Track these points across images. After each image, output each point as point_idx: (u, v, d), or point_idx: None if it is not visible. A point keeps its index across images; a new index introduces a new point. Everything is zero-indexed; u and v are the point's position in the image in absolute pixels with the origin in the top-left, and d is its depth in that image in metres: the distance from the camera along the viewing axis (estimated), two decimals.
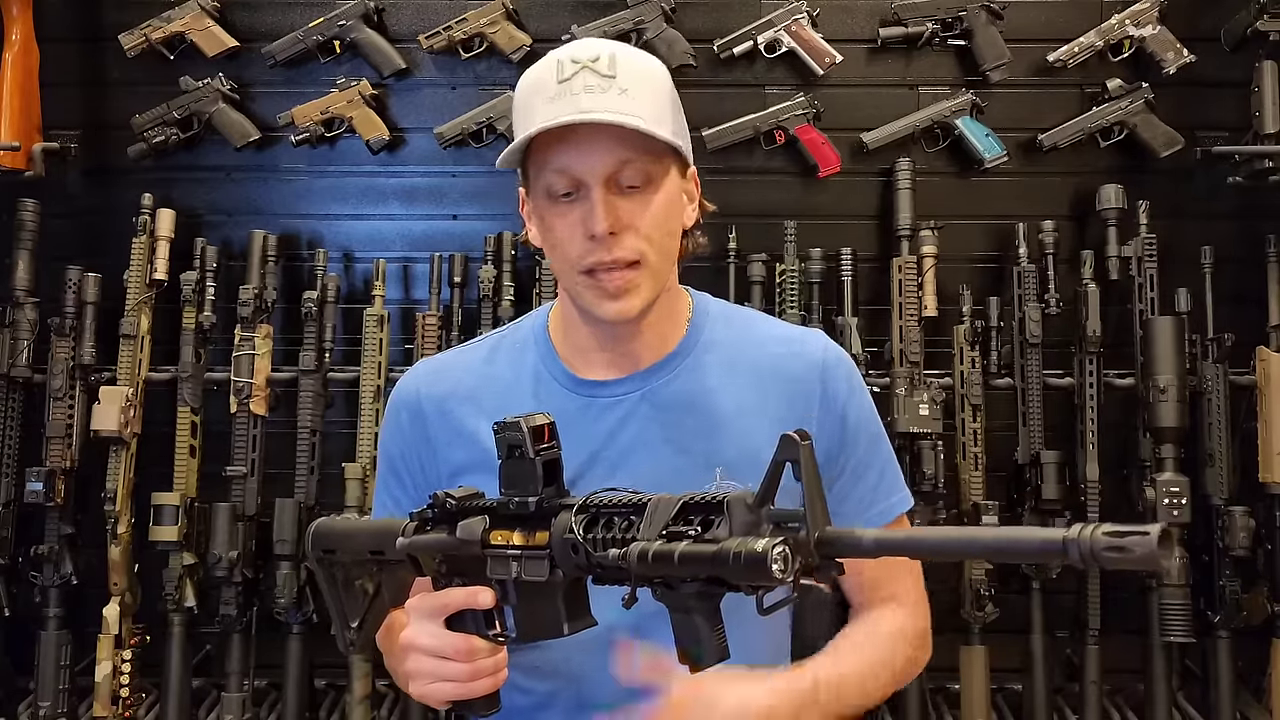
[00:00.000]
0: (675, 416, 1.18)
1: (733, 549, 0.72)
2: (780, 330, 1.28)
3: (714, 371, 1.21)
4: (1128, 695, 2.33)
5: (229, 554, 2.23)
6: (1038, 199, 2.44)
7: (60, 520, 2.29)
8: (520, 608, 0.97)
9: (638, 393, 1.19)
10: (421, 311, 2.37)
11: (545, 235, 1.14)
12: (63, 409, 2.28)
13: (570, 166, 1.08)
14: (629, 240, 1.09)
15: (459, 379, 1.25)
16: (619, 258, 1.09)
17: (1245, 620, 2.21)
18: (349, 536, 1.08)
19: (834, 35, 2.43)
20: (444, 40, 2.42)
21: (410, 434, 1.25)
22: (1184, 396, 2.21)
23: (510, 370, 1.24)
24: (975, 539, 0.73)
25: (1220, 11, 2.40)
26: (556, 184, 1.10)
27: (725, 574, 0.73)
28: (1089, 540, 0.60)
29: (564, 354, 1.22)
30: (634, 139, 1.08)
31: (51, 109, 2.44)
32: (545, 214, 1.13)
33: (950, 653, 2.28)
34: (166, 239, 2.34)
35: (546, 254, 1.18)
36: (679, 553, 0.75)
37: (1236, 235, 2.39)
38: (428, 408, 1.24)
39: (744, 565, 0.71)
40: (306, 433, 2.31)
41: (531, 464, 0.93)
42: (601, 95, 1.07)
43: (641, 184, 1.10)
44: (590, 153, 1.07)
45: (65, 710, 2.27)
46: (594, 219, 1.07)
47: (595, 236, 1.08)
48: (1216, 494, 2.23)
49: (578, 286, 1.13)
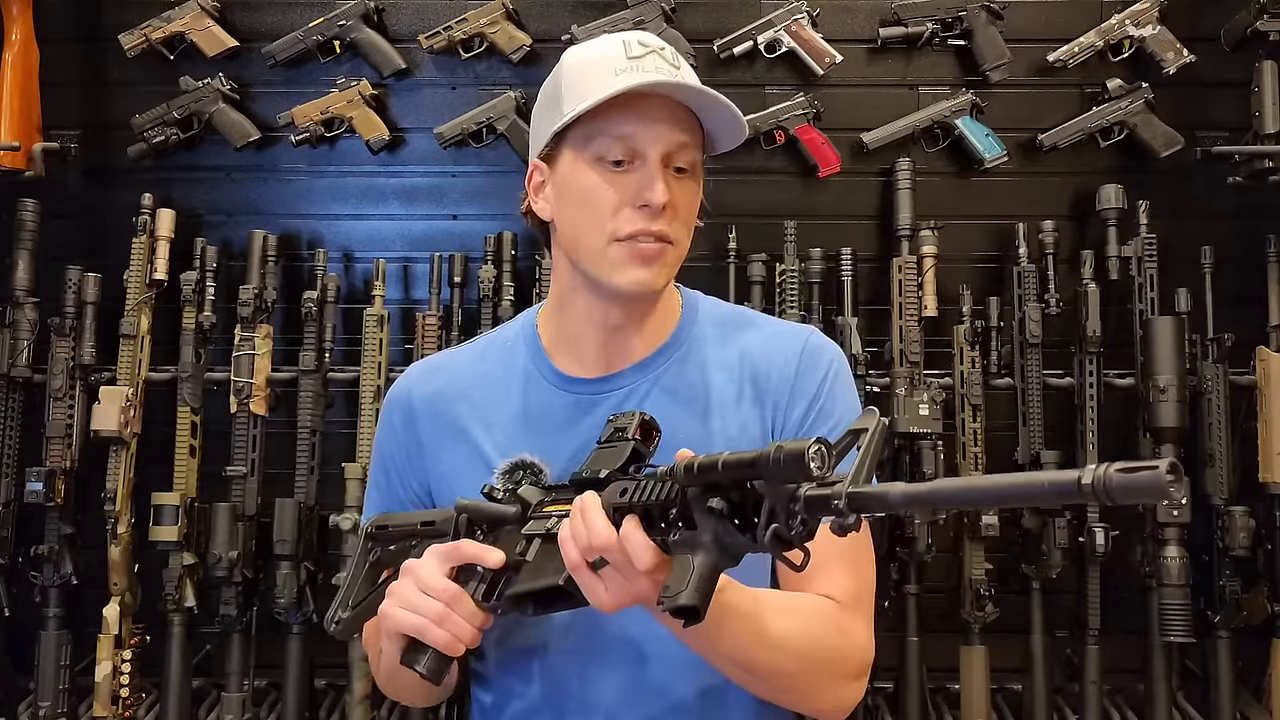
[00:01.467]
0: (663, 410, 1.14)
1: (772, 452, 0.76)
2: (769, 326, 1.27)
3: (701, 366, 1.21)
4: (1128, 695, 2.32)
5: (229, 554, 2.22)
6: (1038, 199, 2.44)
7: (60, 520, 2.28)
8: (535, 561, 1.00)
9: (625, 388, 1.19)
10: (421, 311, 2.37)
11: (581, 203, 1.14)
12: (63, 409, 2.28)
13: (634, 136, 1.10)
14: (673, 221, 1.13)
15: (450, 379, 1.25)
16: (662, 231, 1.11)
17: (1245, 620, 2.21)
18: (405, 519, 1.15)
19: (834, 35, 2.43)
20: (444, 40, 2.42)
21: (403, 434, 1.24)
22: (1184, 396, 2.21)
23: (500, 369, 1.24)
24: (995, 486, 0.73)
25: (1220, 12, 2.40)
26: (612, 150, 1.11)
27: (766, 474, 0.78)
28: (1103, 478, 0.63)
29: (552, 352, 1.23)
30: (690, 126, 1.13)
31: (51, 109, 2.44)
32: (587, 180, 1.13)
33: (950, 653, 2.29)
34: (166, 239, 2.34)
35: (568, 225, 1.16)
36: (722, 460, 0.81)
37: (1236, 235, 2.38)
38: (419, 408, 1.24)
39: (784, 462, 0.75)
40: (306, 433, 2.30)
41: (624, 448, 0.98)
42: (675, 75, 1.11)
43: (688, 169, 1.14)
44: (655, 126, 1.11)
45: (65, 710, 2.26)
46: (655, 190, 1.10)
47: (650, 206, 1.10)
48: (1216, 494, 2.23)
49: (604, 255, 1.13)
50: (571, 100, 1.12)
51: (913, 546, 2.23)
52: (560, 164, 1.15)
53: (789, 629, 1.06)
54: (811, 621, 1.09)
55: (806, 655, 1.08)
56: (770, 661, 1.06)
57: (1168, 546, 2.16)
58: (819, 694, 1.13)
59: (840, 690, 1.13)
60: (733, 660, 1.04)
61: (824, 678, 1.11)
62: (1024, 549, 2.28)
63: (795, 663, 1.07)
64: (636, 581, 0.91)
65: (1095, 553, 2.20)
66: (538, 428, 1.19)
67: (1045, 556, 2.22)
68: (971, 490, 0.74)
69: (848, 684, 1.13)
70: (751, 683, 1.10)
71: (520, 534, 1.02)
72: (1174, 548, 2.16)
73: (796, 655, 1.07)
